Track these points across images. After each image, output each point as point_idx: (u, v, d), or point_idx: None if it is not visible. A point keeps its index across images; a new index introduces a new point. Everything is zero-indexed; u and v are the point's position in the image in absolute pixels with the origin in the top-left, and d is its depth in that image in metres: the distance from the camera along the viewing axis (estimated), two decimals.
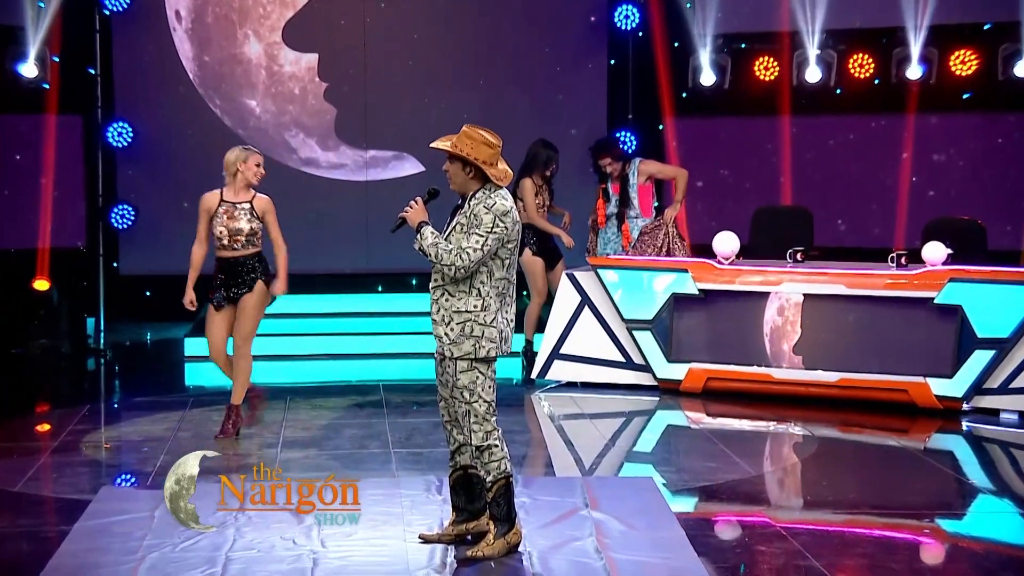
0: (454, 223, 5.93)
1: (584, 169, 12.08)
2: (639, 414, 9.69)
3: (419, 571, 5.76)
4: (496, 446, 5.92)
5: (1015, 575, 6.13)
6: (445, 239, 5.88)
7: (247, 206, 8.11)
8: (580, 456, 8.50)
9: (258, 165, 8.07)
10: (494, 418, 5.93)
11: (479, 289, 5.88)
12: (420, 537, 6.14)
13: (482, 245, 5.79)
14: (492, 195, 5.89)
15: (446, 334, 5.89)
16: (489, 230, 5.80)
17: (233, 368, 8.34)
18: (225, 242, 8.16)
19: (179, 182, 12.89)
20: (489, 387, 5.94)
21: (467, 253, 5.78)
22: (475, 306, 5.88)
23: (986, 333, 9.19)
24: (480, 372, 5.91)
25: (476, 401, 5.89)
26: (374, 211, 12.85)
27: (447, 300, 5.90)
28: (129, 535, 6.28)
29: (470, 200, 5.91)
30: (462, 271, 5.79)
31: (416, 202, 5.97)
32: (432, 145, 5.97)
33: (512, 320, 6.01)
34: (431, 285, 5.94)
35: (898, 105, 12.46)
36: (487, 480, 5.95)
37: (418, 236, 5.87)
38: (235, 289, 8.22)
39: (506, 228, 5.83)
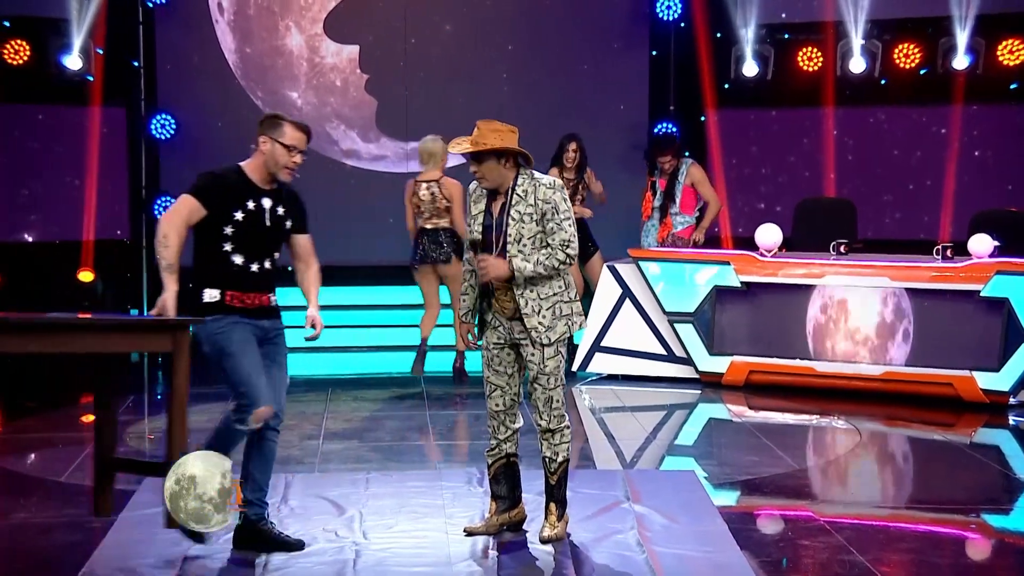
0: (511, 215, 5.92)
1: (625, 161, 12.09)
2: (680, 407, 9.68)
3: (461, 563, 5.77)
4: (568, 427, 6.08)
5: None
6: (504, 233, 5.89)
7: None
8: (621, 449, 8.50)
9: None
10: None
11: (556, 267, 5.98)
12: (464, 531, 6.15)
13: (572, 224, 5.90)
14: (536, 176, 5.96)
15: (540, 323, 5.91)
16: (568, 207, 5.92)
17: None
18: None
19: None
20: (563, 370, 6.07)
21: (570, 243, 5.88)
22: (559, 287, 5.96)
23: None
24: (562, 355, 6.02)
25: (558, 386, 5.99)
26: None
27: (531, 291, 5.92)
28: None
29: (515, 190, 5.93)
30: (573, 259, 5.92)
31: (483, 260, 5.92)
32: (457, 151, 6.01)
33: None
34: (516, 281, 5.91)
35: (944, 96, 12.38)
36: (556, 461, 6.06)
37: (516, 275, 5.85)
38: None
39: (567, 199, 5.97)
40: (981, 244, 9.54)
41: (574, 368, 10.29)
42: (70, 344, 5.41)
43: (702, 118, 13.21)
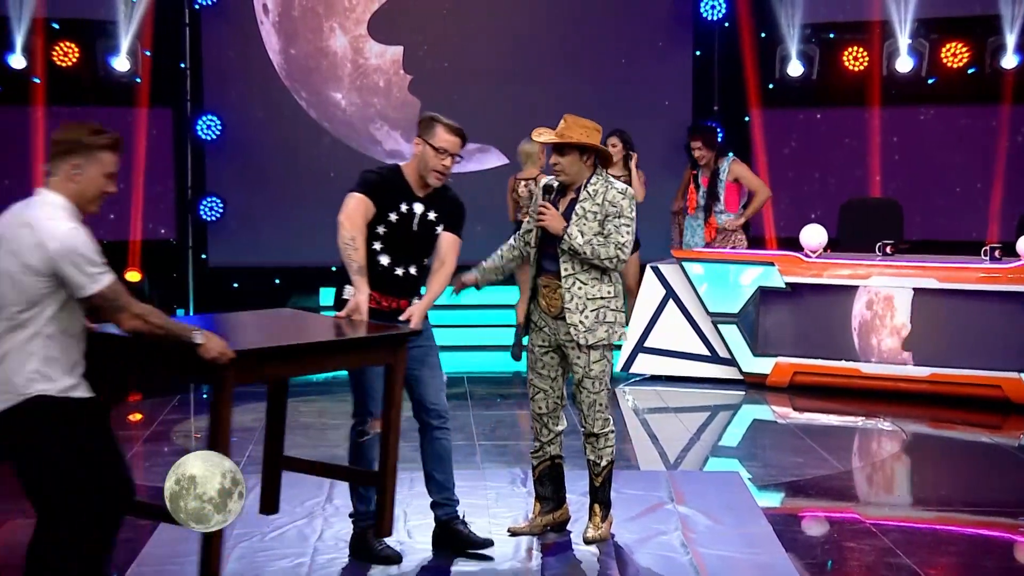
0: (576, 211, 5.90)
1: (669, 162, 12.06)
2: (724, 408, 9.67)
3: (505, 563, 5.80)
4: (612, 431, 6.08)
5: None
6: (568, 228, 5.87)
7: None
8: (664, 450, 8.51)
9: None
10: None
11: (610, 275, 5.95)
12: (509, 531, 6.17)
13: (630, 232, 5.90)
14: (609, 180, 5.96)
15: (581, 322, 5.89)
16: (632, 216, 5.91)
17: None
18: None
19: (266, 174, 13.05)
20: (609, 376, 6.05)
21: (624, 247, 5.86)
22: (608, 292, 5.94)
23: None
24: (608, 360, 6.01)
25: (602, 391, 5.98)
26: None
27: (580, 288, 5.90)
28: None
29: (586, 188, 5.92)
30: (622, 263, 5.89)
31: (547, 207, 5.92)
32: (542, 140, 5.98)
33: None
34: (563, 273, 5.90)
35: (993, 95, 12.31)
36: (600, 464, 6.07)
37: (566, 237, 5.84)
38: None
39: (635, 210, 5.98)
40: None
41: (618, 368, 10.28)
42: (319, 365, 5.49)
43: (746, 118, 13.19)
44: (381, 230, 5.71)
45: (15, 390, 4.45)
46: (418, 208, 5.75)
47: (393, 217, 5.70)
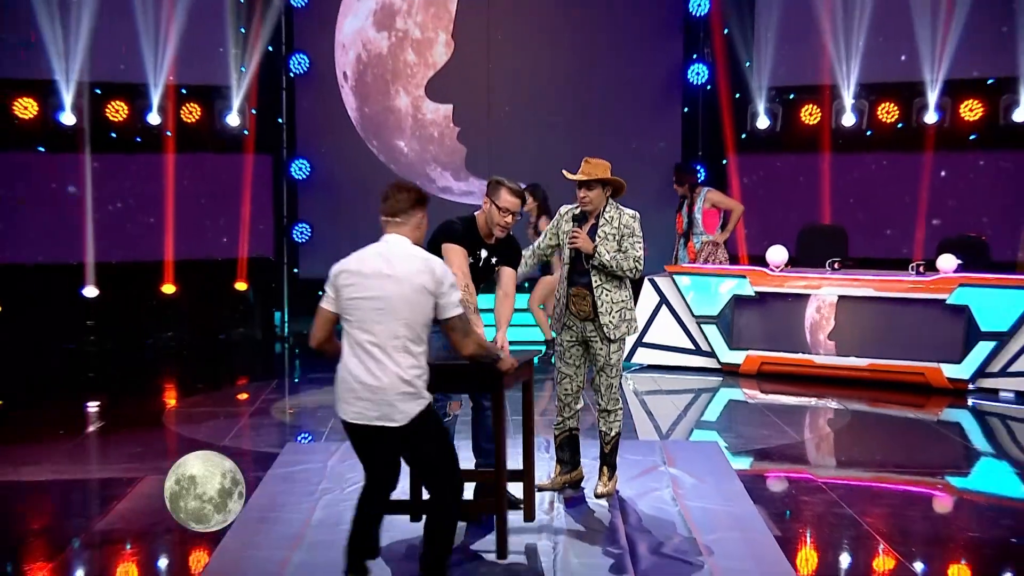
0: (599, 234, 5.93)
1: (660, 197, 12.06)
2: (706, 391, 9.67)
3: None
4: (621, 409, 6.15)
5: (1012, 522, 6.05)
6: (597, 247, 5.88)
7: None
8: (659, 424, 8.52)
9: None
10: None
11: (625, 283, 6.02)
12: (536, 487, 6.08)
13: (643, 247, 5.98)
14: (619, 208, 6.02)
15: (610, 321, 5.96)
16: (641, 235, 5.99)
17: None
18: None
19: (345, 205, 13.08)
20: (622, 364, 6.15)
21: (640, 260, 5.94)
22: (626, 296, 6.03)
23: (989, 327, 9.06)
24: (623, 352, 6.11)
25: (617, 376, 6.06)
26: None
27: (607, 294, 5.96)
28: (308, 480, 6.43)
29: (603, 214, 5.97)
30: (640, 272, 5.96)
31: (579, 232, 5.91)
32: (575, 179, 5.94)
33: None
34: (594, 284, 5.93)
35: (918, 145, 12.24)
36: (609, 435, 6.13)
37: (596, 255, 5.88)
38: None
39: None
40: (947, 262, 9.49)
41: (623, 360, 10.29)
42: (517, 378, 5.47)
43: (724, 161, 13.16)
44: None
45: (422, 395, 4.41)
46: (484, 253, 5.68)
47: (471, 259, 5.62)
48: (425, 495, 4.66)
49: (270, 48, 12.79)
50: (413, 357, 4.36)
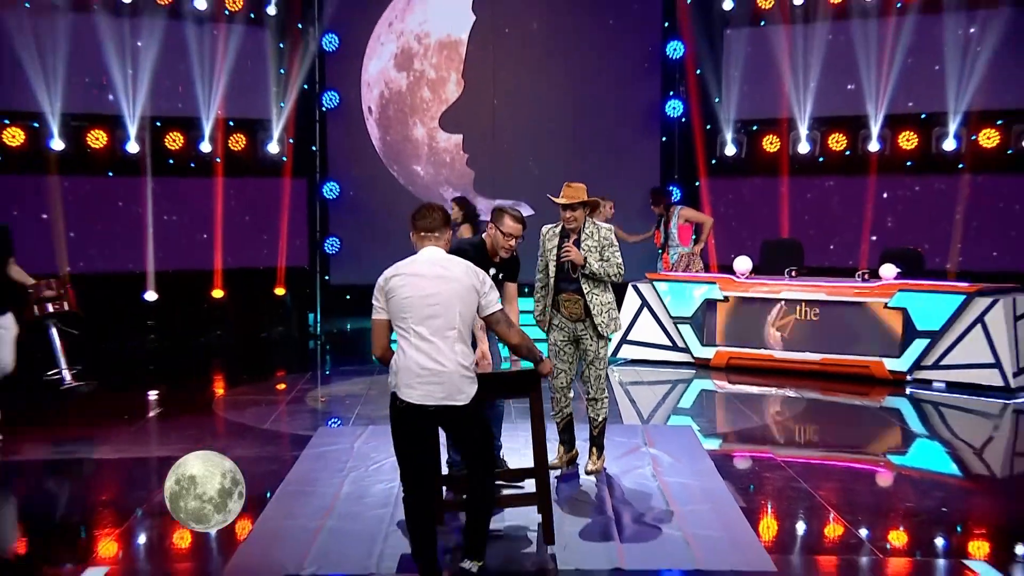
0: (583, 247, 5.92)
1: (642, 212, 12.08)
2: (681, 382, 9.69)
3: (533, 487, 5.79)
4: (607, 397, 6.16)
5: (943, 493, 6.08)
6: (586, 258, 5.88)
7: None
8: (640, 410, 8.52)
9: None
10: None
11: (609, 286, 6.01)
12: (550, 466, 5.75)
13: (620, 255, 5.98)
14: (596, 224, 6.02)
15: (602, 321, 5.96)
16: (617, 245, 6.00)
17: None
18: None
19: (370, 221, 13.10)
20: (608, 358, 6.17)
21: (621, 267, 5.95)
22: (611, 298, 6.03)
23: (924, 327, 9.07)
24: (608, 347, 6.13)
25: (604, 368, 6.06)
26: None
27: (596, 298, 5.97)
28: (338, 459, 6.45)
29: (584, 230, 5.97)
30: (621, 277, 5.95)
31: (570, 246, 5.93)
32: (561, 202, 5.90)
33: None
34: (585, 291, 5.93)
35: (863, 170, 12.27)
36: (597, 420, 6.13)
37: (587, 265, 5.90)
38: None
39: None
40: (888, 271, 9.52)
41: (609, 355, 10.29)
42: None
43: (697, 183, 13.19)
44: None
45: (475, 380, 4.37)
46: (493, 271, 5.69)
47: None
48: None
49: (305, 86, 12.81)
50: (466, 346, 4.37)
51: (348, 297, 13.35)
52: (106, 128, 11.59)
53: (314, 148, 13.15)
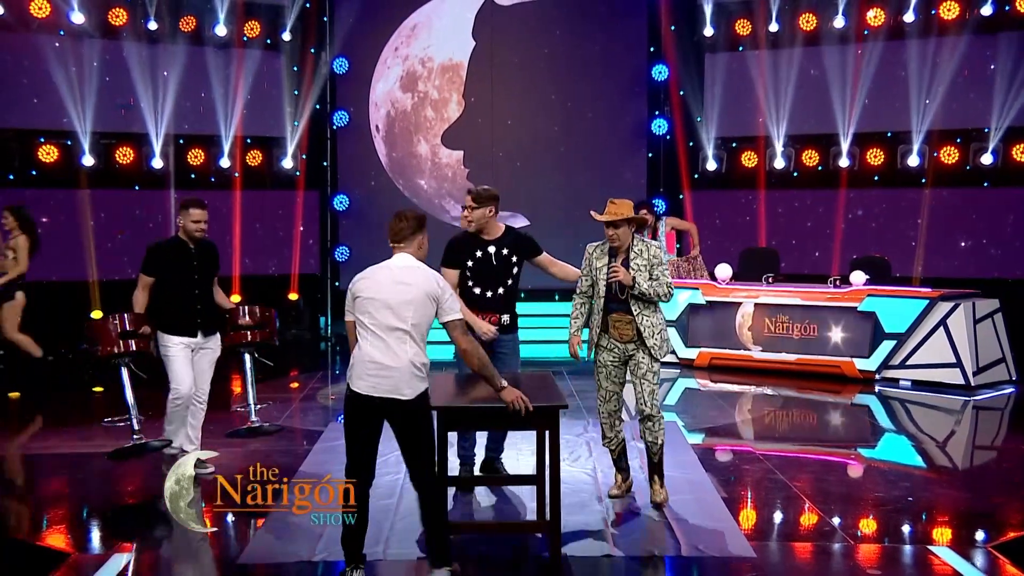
0: (632, 266, 5.33)
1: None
2: (666, 380, 9.65)
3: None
4: (662, 417, 5.44)
5: (909, 484, 6.09)
6: (635, 279, 5.29)
7: None
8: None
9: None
10: None
11: (659, 306, 5.41)
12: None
13: (669, 274, 5.40)
14: (645, 241, 5.41)
15: (655, 343, 5.31)
16: (666, 263, 5.38)
17: None
18: None
19: (377, 231, 12.97)
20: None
21: (671, 287, 5.33)
22: (662, 319, 5.40)
23: (891, 329, 9.09)
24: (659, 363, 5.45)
25: (658, 383, 5.39)
26: None
27: (647, 319, 5.31)
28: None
29: (633, 248, 5.36)
30: (671, 296, 5.33)
31: (618, 267, 5.29)
32: (603, 219, 5.36)
33: None
34: (635, 311, 5.31)
35: (834, 184, 12.30)
36: (656, 444, 5.40)
37: (635, 285, 5.26)
38: None
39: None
40: (858, 277, 9.54)
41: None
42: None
43: (681, 196, 13.19)
44: (468, 272, 5.59)
45: (425, 379, 4.33)
46: (491, 249, 5.57)
47: (470, 262, 5.57)
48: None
49: (317, 106, 12.80)
50: (419, 347, 4.36)
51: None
52: (133, 145, 11.62)
53: (325, 163, 13.12)
